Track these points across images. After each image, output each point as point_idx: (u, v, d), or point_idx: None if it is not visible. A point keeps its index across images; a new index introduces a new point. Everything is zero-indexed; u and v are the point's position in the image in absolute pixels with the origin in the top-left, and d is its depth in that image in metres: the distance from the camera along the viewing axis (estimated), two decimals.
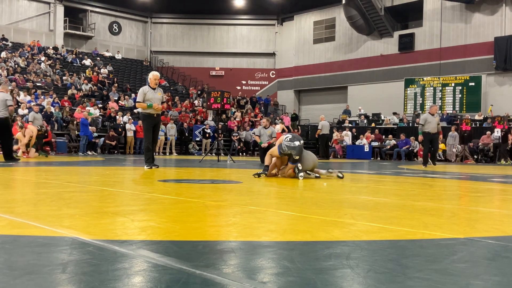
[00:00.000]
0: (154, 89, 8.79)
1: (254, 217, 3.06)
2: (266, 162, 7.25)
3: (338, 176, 6.99)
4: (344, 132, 23.76)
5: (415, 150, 21.13)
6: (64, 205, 3.44)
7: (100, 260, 1.83)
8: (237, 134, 23.72)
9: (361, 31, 29.43)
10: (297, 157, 6.73)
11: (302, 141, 6.87)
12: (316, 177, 6.98)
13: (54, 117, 19.90)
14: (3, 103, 10.37)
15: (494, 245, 2.34)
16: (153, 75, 8.89)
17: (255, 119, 26.71)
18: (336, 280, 1.64)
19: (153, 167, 8.75)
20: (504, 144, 19.45)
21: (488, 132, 20.39)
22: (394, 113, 25.65)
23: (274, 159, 7.23)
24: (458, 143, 20.68)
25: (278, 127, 17.43)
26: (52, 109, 20.12)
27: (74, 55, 30.35)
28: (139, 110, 9.14)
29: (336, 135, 23.63)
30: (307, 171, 6.99)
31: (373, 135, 23.45)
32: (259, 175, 6.98)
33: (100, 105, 23.20)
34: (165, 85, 31.71)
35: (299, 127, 28.19)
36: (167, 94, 28.30)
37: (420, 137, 12.93)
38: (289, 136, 6.89)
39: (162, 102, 9.04)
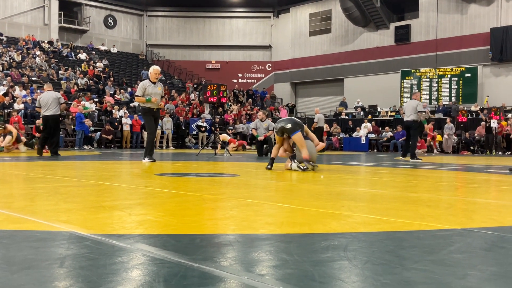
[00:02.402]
0: (154, 83, 8.78)
1: (252, 210, 3.06)
2: (273, 154, 7.40)
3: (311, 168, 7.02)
4: (364, 125, 23.63)
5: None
6: (61, 199, 3.44)
7: (98, 254, 1.83)
8: (232, 128, 23.67)
9: (357, 23, 29.38)
10: (288, 126, 6.94)
11: (293, 120, 7.12)
12: (304, 169, 6.88)
13: None
14: (56, 101, 10.90)
15: (491, 235, 2.35)
16: (154, 69, 8.88)
17: (252, 112, 26.68)
18: (334, 272, 1.65)
19: (150, 160, 8.78)
20: (490, 134, 19.49)
21: (483, 123, 20.43)
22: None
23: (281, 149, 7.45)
24: (454, 134, 20.72)
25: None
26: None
27: (69, 49, 30.22)
28: (137, 103, 9.09)
29: (326, 127, 23.69)
30: (299, 166, 6.92)
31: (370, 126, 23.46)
32: (269, 168, 7.15)
33: (96, 99, 23.13)
34: (161, 78, 31.57)
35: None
36: (164, 88, 28.17)
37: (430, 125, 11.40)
38: (283, 118, 7.38)
39: (161, 97, 9.05)
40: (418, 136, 12.18)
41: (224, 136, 19.08)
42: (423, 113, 11.74)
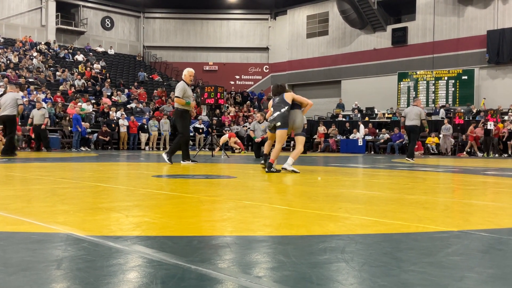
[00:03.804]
0: (188, 85, 8.83)
1: (249, 211, 3.06)
2: (267, 150, 7.59)
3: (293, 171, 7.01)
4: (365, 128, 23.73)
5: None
6: (58, 201, 3.43)
7: (95, 256, 1.83)
8: (228, 129, 23.65)
9: (354, 25, 29.43)
10: (278, 124, 7.04)
11: (284, 109, 7.05)
12: (294, 171, 6.89)
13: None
14: (14, 102, 11.35)
15: (488, 237, 2.35)
16: (188, 71, 8.94)
17: (249, 114, 26.68)
18: (331, 274, 1.65)
19: (193, 163, 8.94)
20: (488, 137, 19.51)
21: (482, 125, 20.45)
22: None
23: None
24: (451, 136, 20.73)
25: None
26: (45, 105, 20.01)
27: (66, 51, 30.16)
28: (177, 105, 8.93)
29: (323, 129, 23.74)
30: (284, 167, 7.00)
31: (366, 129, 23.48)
32: (275, 171, 7.09)
33: (93, 101, 23.10)
34: (158, 80, 31.61)
35: None
36: (162, 90, 28.21)
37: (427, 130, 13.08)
38: (274, 115, 7.25)
39: None
40: (417, 139, 12.97)
41: (224, 138, 19.03)
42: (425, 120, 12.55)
